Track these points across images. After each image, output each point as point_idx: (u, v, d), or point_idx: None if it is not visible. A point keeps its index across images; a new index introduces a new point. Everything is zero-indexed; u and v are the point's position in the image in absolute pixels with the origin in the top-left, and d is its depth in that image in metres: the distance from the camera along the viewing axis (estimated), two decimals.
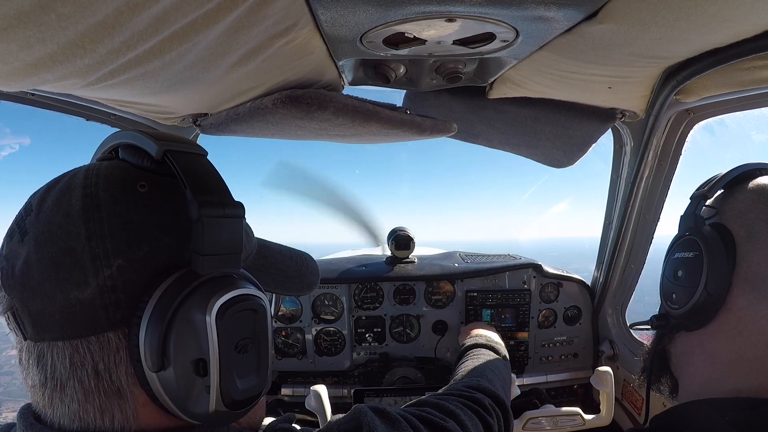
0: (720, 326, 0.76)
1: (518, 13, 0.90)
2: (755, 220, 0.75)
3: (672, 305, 0.83)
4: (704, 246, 0.77)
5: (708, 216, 0.82)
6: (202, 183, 0.58)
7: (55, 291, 0.53)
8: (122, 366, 0.55)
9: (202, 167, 0.60)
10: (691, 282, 0.78)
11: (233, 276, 0.60)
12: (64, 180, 0.58)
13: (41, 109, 1.29)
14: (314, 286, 0.91)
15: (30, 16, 0.55)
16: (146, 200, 0.57)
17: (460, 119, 1.66)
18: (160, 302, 0.53)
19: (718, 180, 0.83)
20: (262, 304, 0.60)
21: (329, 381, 2.19)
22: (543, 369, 2.23)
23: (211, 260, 0.56)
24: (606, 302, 2.16)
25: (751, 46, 0.96)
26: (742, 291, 0.74)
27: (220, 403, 0.55)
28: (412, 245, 2.25)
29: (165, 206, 0.58)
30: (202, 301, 0.54)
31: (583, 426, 1.82)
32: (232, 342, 0.56)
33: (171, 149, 0.58)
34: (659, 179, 1.72)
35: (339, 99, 1.16)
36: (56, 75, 0.72)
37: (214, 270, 0.57)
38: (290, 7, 0.81)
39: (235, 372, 0.57)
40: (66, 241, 0.53)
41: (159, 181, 0.59)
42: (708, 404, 0.74)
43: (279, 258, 0.83)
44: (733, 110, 1.46)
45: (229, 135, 1.49)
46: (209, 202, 0.56)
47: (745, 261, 0.74)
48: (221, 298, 0.55)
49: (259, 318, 0.60)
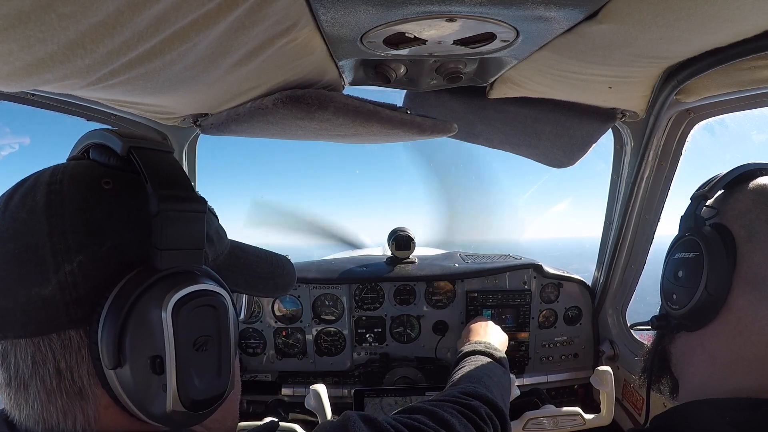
0: (720, 326, 0.76)
1: (518, 13, 0.90)
2: (756, 221, 0.75)
3: (672, 306, 0.83)
4: (704, 246, 0.76)
5: (708, 216, 0.82)
6: (163, 178, 0.57)
7: (17, 287, 0.52)
8: (84, 365, 0.54)
9: (166, 163, 0.60)
10: (691, 282, 0.78)
11: (193, 272, 0.59)
12: (32, 179, 0.58)
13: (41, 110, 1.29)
14: (289, 288, 0.89)
15: (30, 16, 0.55)
16: (110, 197, 0.57)
17: (460, 119, 1.66)
18: (117, 298, 0.53)
19: (719, 180, 0.82)
20: (222, 301, 0.59)
21: (329, 381, 2.19)
22: (543, 369, 2.23)
23: (170, 255, 0.56)
24: (606, 302, 2.16)
25: (751, 46, 0.96)
26: (743, 291, 0.74)
27: (177, 402, 0.54)
28: (412, 245, 2.25)
29: (129, 202, 0.58)
30: (158, 297, 0.53)
31: (584, 426, 1.82)
32: (189, 339, 0.55)
33: (136, 146, 0.58)
34: (659, 179, 1.72)
35: (339, 99, 1.16)
36: (57, 75, 0.72)
37: (174, 265, 0.56)
38: (290, 7, 0.81)
39: (193, 371, 0.55)
40: (29, 237, 0.53)
41: (124, 178, 0.59)
42: (708, 404, 0.74)
43: (252, 259, 0.82)
44: (733, 110, 1.46)
45: (229, 135, 1.49)
46: (169, 196, 0.56)
47: (745, 261, 0.74)
48: (178, 293, 0.54)
49: (220, 315, 0.59)
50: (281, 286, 0.87)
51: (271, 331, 2.21)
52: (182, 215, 0.57)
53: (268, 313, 2.19)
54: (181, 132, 1.74)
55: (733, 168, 0.84)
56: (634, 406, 1.98)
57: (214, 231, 0.73)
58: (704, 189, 0.84)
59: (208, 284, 0.58)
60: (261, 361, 2.23)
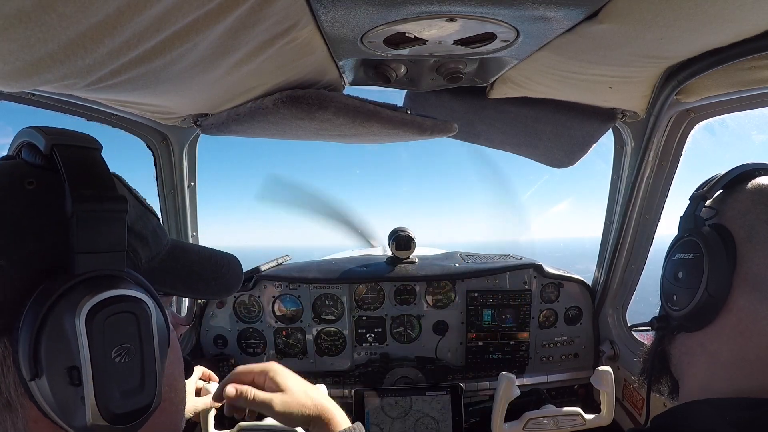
0: (720, 327, 0.76)
1: (519, 13, 0.90)
2: (755, 221, 0.75)
3: (673, 307, 0.82)
4: (705, 247, 0.76)
5: (708, 217, 0.81)
6: (82, 176, 0.54)
7: None
8: (10, 375, 0.51)
9: (89, 161, 0.57)
10: (692, 283, 0.78)
11: (112, 276, 0.55)
12: None
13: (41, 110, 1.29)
14: (233, 289, 0.84)
15: (31, 16, 0.55)
16: (33, 197, 0.54)
17: (460, 119, 1.66)
18: (33, 305, 0.49)
19: (718, 180, 0.82)
20: (144, 307, 0.55)
21: (330, 381, 2.19)
22: (544, 369, 2.23)
23: (88, 258, 0.53)
24: (607, 302, 2.16)
25: (751, 46, 0.96)
26: (743, 291, 0.74)
27: (98, 416, 0.50)
28: (412, 245, 2.25)
29: (53, 204, 0.54)
30: (72, 304, 0.50)
31: (584, 426, 1.81)
32: (107, 348, 0.51)
33: (60, 143, 0.56)
34: (660, 179, 1.72)
35: (340, 99, 1.16)
36: (57, 75, 0.72)
37: (93, 270, 0.53)
38: (291, 7, 0.81)
39: (113, 382, 0.52)
40: None
41: (48, 178, 0.55)
42: (708, 404, 0.74)
43: (194, 259, 0.78)
44: (733, 110, 1.46)
45: (229, 135, 1.49)
46: (85, 195, 0.53)
47: (745, 262, 0.74)
48: (92, 299, 0.50)
49: (141, 322, 0.54)
50: (225, 287, 0.82)
51: (271, 331, 2.21)
52: (99, 215, 0.54)
53: (269, 313, 2.20)
54: (181, 132, 1.74)
55: (732, 168, 0.84)
56: (635, 406, 1.98)
57: (150, 231, 0.69)
58: (703, 189, 0.84)
59: (127, 289, 0.54)
60: (261, 361, 2.22)
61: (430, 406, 1.93)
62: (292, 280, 2.17)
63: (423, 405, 1.93)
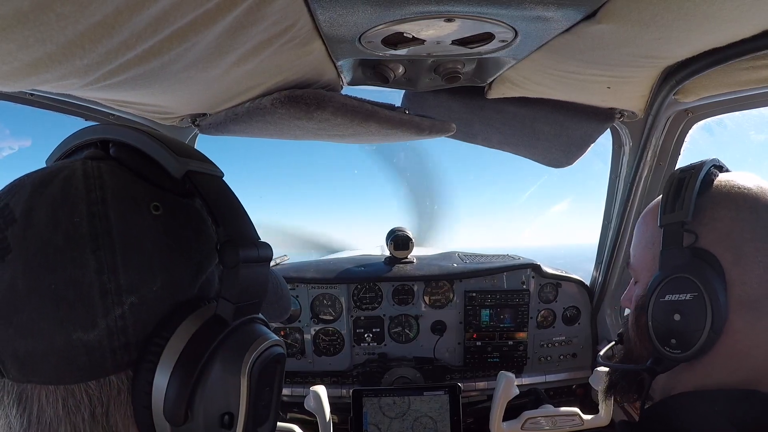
0: (715, 353, 0.75)
1: (517, 13, 0.90)
2: (740, 241, 0.73)
3: (672, 351, 0.77)
4: (704, 286, 0.72)
5: (688, 244, 0.76)
6: (232, 217, 0.53)
7: (53, 330, 0.44)
8: (122, 409, 0.49)
9: (226, 194, 0.55)
10: (694, 326, 0.73)
11: (256, 322, 0.56)
12: (56, 185, 0.48)
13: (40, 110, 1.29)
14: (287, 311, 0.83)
15: (29, 16, 0.55)
16: (159, 225, 0.50)
17: (458, 119, 1.66)
18: (187, 351, 0.48)
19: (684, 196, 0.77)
20: (282, 352, 0.57)
21: (328, 381, 2.19)
22: (542, 369, 2.23)
23: (242, 308, 0.52)
24: (605, 302, 2.16)
25: (749, 46, 0.97)
26: (739, 315, 0.73)
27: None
28: (411, 245, 2.25)
29: (180, 234, 0.52)
30: (237, 355, 0.50)
31: (582, 426, 1.82)
32: (259, 394, 0.53)
33: (196, 170, 0.53)
34: (658, 179, 1.72)
35: (338, 99, 1.16)
36: (55, 75, 0.72)
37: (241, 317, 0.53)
38: (289, 7, 0.81)
39: (255, 422, 0.53)
40: (70, 270, 0.45)
41: (173, 203, 0.53)
42: (698, 396, 0.74)
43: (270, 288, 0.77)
44: (731, 110, 1.47)
45: (227, 135, 1.49)
46: (247, 244, 0.51)
47: (736, 285, 0.72)
48: (255, 352, 0.51)
49: (279, 368, 0.57)
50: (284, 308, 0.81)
51: None
52: (256, 267, 0.53)
53: None
54: (179, 132, 1.73)
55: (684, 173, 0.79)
56: (633, 406, 1.98)
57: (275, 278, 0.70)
58: (674, 212, 0.78)
59: (273, 338, 0.55)
60: None
61: (429, 406, 1.93)
62: (290, 279, 2.17)
63: (421, 405, 1.93)
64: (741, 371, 0.74)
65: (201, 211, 0.56)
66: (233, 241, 0.50)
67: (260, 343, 0.52)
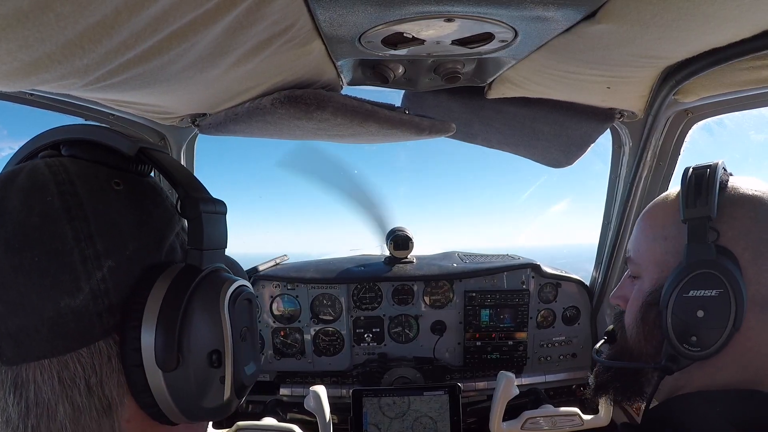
0: (726, 353, 0.75)
1: (517, 13, 0.90)
2: (759, 241, 0.74)
3: (692, 348, 0.76)
4: (728, 282, 0.72)
5: (712, 240, 0.76)
6: (187, 180, 0.59)
7: (42, 301, 0.47)
8: (114, 376, 0.51)
9: (176, 164, 0.61)
10: (717, 323, 0.73)
11: (225, 269, 0.62)
12: (22, 177, 0.51)
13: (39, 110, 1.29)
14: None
15: (29, 16, 0.55)
16: (123, 198, 0.55)
17: (458, 119, 1.66)
18: (167, 299, 0.52)
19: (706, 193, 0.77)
20: (252, 292, 0.64)
21: (328, 381, 2.19)
22: (542, 369, 2.23)
23: (209, 255, 0.58)
24: (605, 302, 2.16)
25: (749, 46, 0.96)
26: (754, 314, 0.73)
27: (231, 391, 0.57)
28: (410, 245, 2.25)
29: (142, 205, 0.57)
30: (214, 294, 0.56)
31: (582, 426, 1.82)
32: (238, 331, 0.58)
33: (146, 146, 0.58)
34: (658, 179, 1.72)
35: (337, 99, 1.16)
36: (55, 75, 0.72)
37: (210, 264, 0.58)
38: (289, 7, 0.81)
39: (242, 359, 0.59)
40: (50, 243, 0.48)
41: (131, 180, 0.58)
42: (700, 396, 0.74)
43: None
44: (731, 110, 1.47)
45: (227, 135, 1.49)
46: (204, 198, 0.58)
47: (752, 284, 0.73)
48: (230, 288, 0.57)
49: (252, 307, 0.64)
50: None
51: (269, 331, 2.21)
52: (216, 217, 0.59)
53: (267, 312, 2.19)
54: (179, 132, 1.73)
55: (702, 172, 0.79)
56: (633, 407, 1.98)
57: None
58: (697, 207, 0.77)
59: (243, 280, 0.61)
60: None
61: (428, 406, 1.93)
62: (290, 280, 2.17)
63: (421, 405, 1.93)
64: (749, 370, 0.74)
65: (156, 186, 0.62)
66: (191, 196, 0.57)
67: (231, 283, 0.58)
